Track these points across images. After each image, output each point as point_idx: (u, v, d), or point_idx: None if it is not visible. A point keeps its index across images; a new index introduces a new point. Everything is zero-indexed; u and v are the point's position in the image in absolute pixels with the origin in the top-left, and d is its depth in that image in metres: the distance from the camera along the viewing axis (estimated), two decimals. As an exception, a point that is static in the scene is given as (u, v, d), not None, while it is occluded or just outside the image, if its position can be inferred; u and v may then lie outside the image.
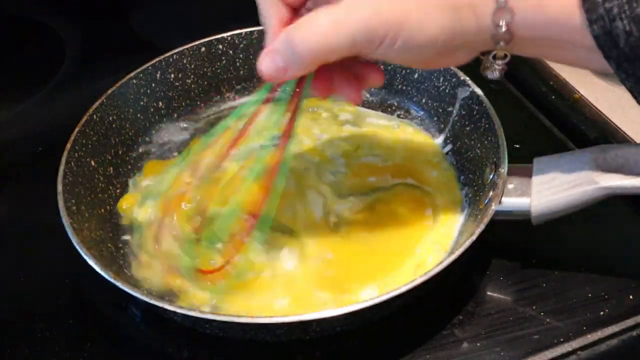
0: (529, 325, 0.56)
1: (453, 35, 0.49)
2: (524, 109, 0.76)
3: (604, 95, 0.73)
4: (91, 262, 0.54)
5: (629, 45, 0.45)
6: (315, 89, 0.55)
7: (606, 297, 0.57)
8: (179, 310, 0.51)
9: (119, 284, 0.53)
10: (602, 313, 0.56)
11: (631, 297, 0.57)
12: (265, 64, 0.50)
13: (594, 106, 0.72)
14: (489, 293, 0.59)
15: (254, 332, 0.55)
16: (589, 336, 0.55)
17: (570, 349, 0.54)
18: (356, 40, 0.49)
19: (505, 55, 0.52)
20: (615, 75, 0.48)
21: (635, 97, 0.49)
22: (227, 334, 0.56)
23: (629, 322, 0.56)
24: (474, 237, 0.54)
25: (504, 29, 0.49)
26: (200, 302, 0.58)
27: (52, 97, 0.83)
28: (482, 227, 0.54)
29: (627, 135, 0.69)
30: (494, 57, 0.52)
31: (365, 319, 0.55)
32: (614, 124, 0.70)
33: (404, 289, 0.51)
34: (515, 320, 0.57)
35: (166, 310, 0.52)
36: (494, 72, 0.53)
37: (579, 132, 0.71)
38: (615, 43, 0.46)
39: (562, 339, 0.55)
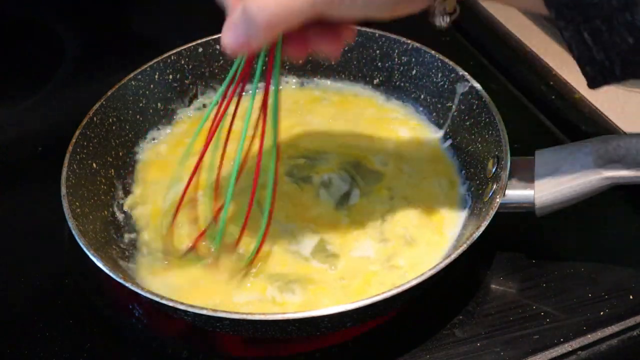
0: (529, 325, 0.56)
1: None
2: (524, 109, 0.76)
3: (604, 95, 0.73)
4: (100, 264, 0.54)
5: None
6: (290, 50, 0.53)
7: (606, 297, 0.57)
8: (190, 310, 0.51)
9: (129, 285, 0.53)
10: (602, 313, 0.56)
11: (631, 297, 0.57)
12: (227, 38, 0.49)
13: (594, 106, 0.72)
14: (488, 293, 0.59)
15: (265, 329, 0.54)
16: (589, 336, 0.55)
17: (570, 349, 0.55)
18: (316, 1, 0.47)
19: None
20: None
21: (570, 49, 0.47)
22: (238, 332, 0.56)
23: (629, 322, 0.56)
24: (481, 229, 0.54)
25: None
26: None
27: (51, 97, 0.83)
28: (488, 219, 0.55)
29: (627, 135, 0.69)
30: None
31: (376, 312, 0.55)
32: (614, 123, 0.70)
33: (414, 283, 0.51)
34: (515, 320, 0.57)
35: (177, 309, 0.52)
36: (442, 18, 0.52)
37: (579, 132, 0.71)
38: None
39: (562, 339, 0.55)
